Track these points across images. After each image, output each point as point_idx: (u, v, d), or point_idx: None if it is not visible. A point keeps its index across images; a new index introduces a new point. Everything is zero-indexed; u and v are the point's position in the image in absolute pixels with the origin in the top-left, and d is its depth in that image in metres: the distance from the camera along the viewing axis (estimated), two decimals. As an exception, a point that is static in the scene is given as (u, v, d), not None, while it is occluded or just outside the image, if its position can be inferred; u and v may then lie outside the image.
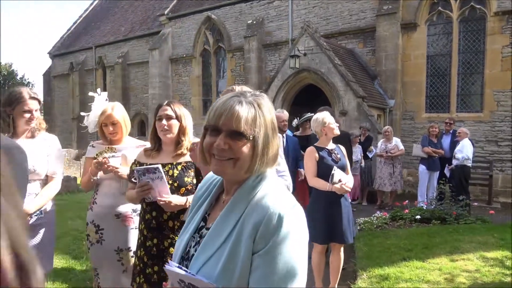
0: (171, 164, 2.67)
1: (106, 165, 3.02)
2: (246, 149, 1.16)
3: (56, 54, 25.55)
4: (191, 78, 18.26)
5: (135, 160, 2.83)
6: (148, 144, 3.42)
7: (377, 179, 9.72)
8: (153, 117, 2.77)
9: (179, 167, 2.66)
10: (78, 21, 27.17)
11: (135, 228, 3.13)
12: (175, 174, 2.63)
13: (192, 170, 2.68)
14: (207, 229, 1.25)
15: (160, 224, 2.58)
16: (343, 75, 11.09)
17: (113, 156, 3.22)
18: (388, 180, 9.43)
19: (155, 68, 18.42)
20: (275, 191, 1.19)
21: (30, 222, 2.91)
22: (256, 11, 15.73)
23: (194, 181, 2.66)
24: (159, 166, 2.48)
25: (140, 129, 20.55)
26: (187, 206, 2.53)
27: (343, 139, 6.66)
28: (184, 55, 18.26)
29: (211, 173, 1.40)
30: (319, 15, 14.18)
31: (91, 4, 28.28)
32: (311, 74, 11.83)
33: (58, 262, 5.05)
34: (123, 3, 24.52)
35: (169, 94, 18.59)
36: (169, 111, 2.70)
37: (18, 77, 37.09)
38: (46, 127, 3.21)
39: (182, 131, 2.72)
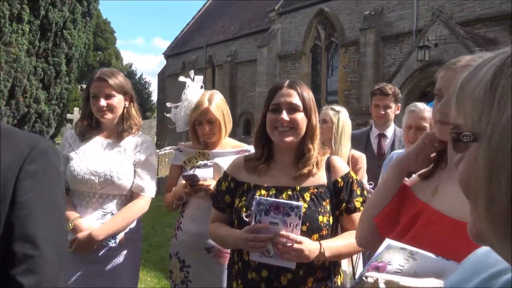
0: (292, 189, 1.59)
1: (198, 186, 2.11)
2: None
3: (170, 54, 26.60)
4: (300, 76, 17.32)
5: (226, 174, 1.76)
6: (252, 149, 2.42)
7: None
8: (264, 106, 1.67)
9: (307, 196, 1.58)
10: (191, 22, 27.99)
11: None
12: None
13: (328, 201, 1.59)
14: None
15: None
16: (486, 69, 9.14)
17: (205, 164, 2.29)
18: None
19: (263, 66, 17.90)
20: None
21: (100, 253, 2.07)
22: (374, 1, 14.17)
23: (331, 221, 1.57)
24: (301, 204, 1.44)
25: (245, 128, 20.25)
26: (321, 259, 1.50)
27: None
28: (293, 52, 17.44)
29: None
30: (451, 0, 12.16)
31: (204, 4, 28.95)
32: (443, 68, 10.03)
33: (150, 280, 4.36)
34: (235, 2, 24.46)
35: (276, 92, 17.90)
36: (295, 98, 1.60)
37: (136, 77, 39.81)
38: (139, 126, 2.32)
39: (310, 132, 1.63)
